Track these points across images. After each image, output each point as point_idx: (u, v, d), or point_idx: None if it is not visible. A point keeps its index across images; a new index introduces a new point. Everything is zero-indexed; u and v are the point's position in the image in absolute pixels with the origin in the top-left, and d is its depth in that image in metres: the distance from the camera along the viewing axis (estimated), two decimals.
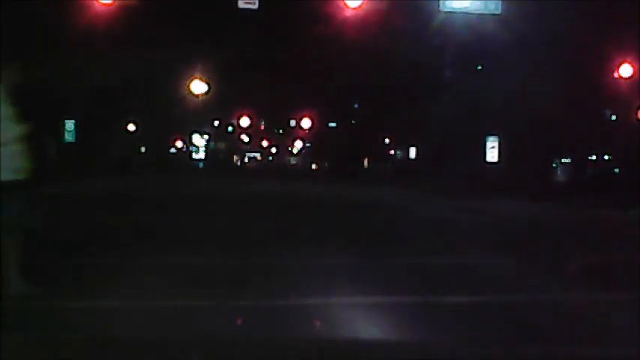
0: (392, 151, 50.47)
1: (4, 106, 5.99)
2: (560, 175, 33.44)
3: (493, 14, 19.67)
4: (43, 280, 6.57)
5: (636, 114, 26.45)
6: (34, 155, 6.14)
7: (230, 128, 69.47)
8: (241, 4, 17.97)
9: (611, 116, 28.97)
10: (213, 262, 8.12)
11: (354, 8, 19.12)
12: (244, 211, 15.80)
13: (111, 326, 5.09)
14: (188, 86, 36.53)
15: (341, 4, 19.12)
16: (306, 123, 61.60)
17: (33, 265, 6.55)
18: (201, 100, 39.30)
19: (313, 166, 66.76)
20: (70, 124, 30.85)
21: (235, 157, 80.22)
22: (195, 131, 59.76)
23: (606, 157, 32.97)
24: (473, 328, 5.48)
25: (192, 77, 36.02)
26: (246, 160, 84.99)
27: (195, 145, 62.59)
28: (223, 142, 72.92)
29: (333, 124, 55.74)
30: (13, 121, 5.99)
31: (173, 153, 58.31)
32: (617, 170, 29.18)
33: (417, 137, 41.42)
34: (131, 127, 41.95)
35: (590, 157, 33.18)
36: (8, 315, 5.07)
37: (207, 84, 36.86)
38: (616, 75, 25.47)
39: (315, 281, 7.08)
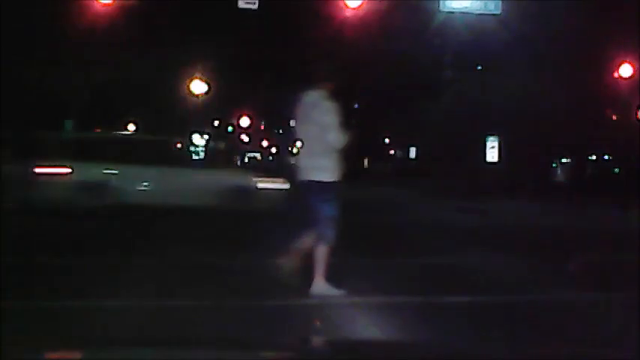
0: (392, 151, 50.42)
1: (334, 115, 6.34)
2: (560, 175, 33.40)
3: (493, 14, 19.67)
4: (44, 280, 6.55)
5: (636, 114, 26.43)
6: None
7: (230, 128, 69.40)
8: (241, 4, 17.97)
9: (611, 116, 28.94)
10: (212, 262, 8.11)
11: (354, 8, 19.11)
12: (244, 211, 15.76)
13: (111, 326, 5.09)
14: (188, 86, 36.50)
15: (341, 4, 19.12)
16: None
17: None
18: (201, 100, 39.26)
19: None
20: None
21: (235, 157, 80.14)
22: (195, 131, 59.68)
23: (606, 157, 32.94)
24: (473, 328, 5.47)
25: (192, 77, 36.00)
26: (246, 160, 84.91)
27: (195, 145, 62.50)
28: (223, 142, 72.86)
29: None
30: (339, 129, 6.33)
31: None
32: (617, 170, 29.16)
33: (417, 137, 41.38)
34: (131, 127, 41.92)
35: (590, 157, 33.15)
36: (8, 315, 5.07)
37: (207, 84, 36.83)
38: (616, 75, 25.46)
39: None
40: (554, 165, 34.14)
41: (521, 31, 22.42)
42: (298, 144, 6.52)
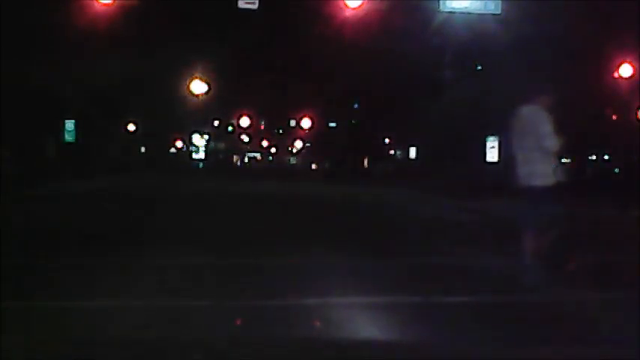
0: (392, 151, 50.42)
1: (548, 123, 7.28)
2: (560, 175, 33.34)
3: (493, 14, 19.65)
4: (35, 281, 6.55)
5: (636, 114, 26.43)
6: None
7: (230, 128, 69.42)
8: (241, 4, 17.95)
9: (611, 116, 28.95)
10: (212, 262, 8.11)
11: (354, 8, 19.09)
12: (245, 211, 15.80)
13: (110, 326, 5.09)
14: (188, 86, 36.52)
15: (341, 4, 19.10)
16: (306, 123, 61.53)
17: None
18: (201, 100, 39.30)
19: (313, 166, 66.67)
20: (70, 124, 30.85)
21: (235, 157, 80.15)
22: (196, 131, 59.74)
23: (606, 157, 32.95)
24: (473, 328, 5.47)
25: (192, 77, 36.01)
26: (246, 160, 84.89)
27: (195, 145, 62.53)
28: (223, 142, 72.87)
29: (333, 124, 55.72)
30: (554, 135, 7.29)
31: (173, 153, 58.33)
32: (617, 170, 29.15)
33: (417, 137, 41.38)
34: (131, 127, 41.95)
35: (590, 157, 33.15)
36: (8, 315, 5.07)
37: (207, 84, 36.85)
38: (616, 75, 25.45)
39: (315, 281, 7.08)
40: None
41: (522, 31, 22.41)
42: (518, 154, 7.33)
